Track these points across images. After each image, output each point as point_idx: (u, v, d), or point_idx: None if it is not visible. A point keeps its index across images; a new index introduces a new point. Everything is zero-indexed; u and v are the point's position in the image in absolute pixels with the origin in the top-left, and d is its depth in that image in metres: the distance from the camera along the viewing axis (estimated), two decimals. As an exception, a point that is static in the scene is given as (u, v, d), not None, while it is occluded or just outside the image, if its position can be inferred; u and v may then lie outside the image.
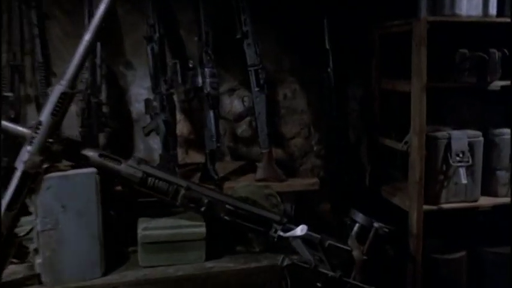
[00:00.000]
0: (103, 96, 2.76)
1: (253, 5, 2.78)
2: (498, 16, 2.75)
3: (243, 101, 3.01)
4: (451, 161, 2.80)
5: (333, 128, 3.15)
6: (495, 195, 2.98)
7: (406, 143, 2.87)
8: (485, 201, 2.94)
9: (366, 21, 3.15)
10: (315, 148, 3.28)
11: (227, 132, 3.12)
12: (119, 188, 2.49)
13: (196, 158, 3.00)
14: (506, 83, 2.80)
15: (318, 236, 2.28)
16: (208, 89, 2.66)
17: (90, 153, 2.17)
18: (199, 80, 2.68)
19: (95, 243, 2.23)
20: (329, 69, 3.04)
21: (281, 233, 2.23)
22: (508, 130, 2.94)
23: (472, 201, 2.89)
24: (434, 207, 2.83)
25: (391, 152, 3.12)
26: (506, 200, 2.96)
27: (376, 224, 2.54)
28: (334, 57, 3.04)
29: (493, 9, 2.71)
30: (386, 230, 2.57)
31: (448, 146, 2.80)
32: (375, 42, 3.18)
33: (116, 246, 2.45)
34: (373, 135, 3.25)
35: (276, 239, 2.24)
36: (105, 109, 2.74)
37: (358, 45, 3.20)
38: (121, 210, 2.53)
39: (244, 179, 2.79)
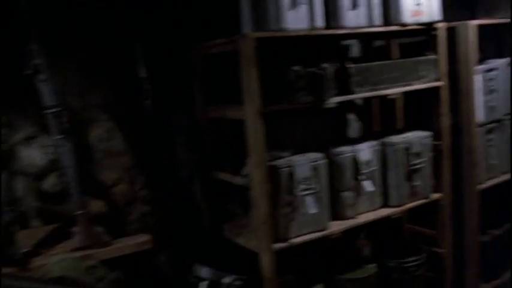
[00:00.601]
0: None
1: (45, 30, 2.23)
2: (326, 28, 2.53)
3: (45, 152, 2.43)
4: (296, 191, 2.52)
5: (159, 167, 2.71)
6: (343, 218, 2.78)
7: (245, 176, 2.54)
8: (335, 226, 2.71)
9: (187, 41, 2.76)
10: (141, 193, 2.79)
11: (30, 191, 2.49)
12: None
13: (-9, 230, 2.35)
14: (343, 98, 2.60)
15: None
16: (-8, 143, 2.06)
17: None
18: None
19: None
20: (148, 101, 2.60)
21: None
22: (348, 148, 2.76)
23: (322, 230, 2.64)
24: (285, 245, 2.52)
25: (229, 186, 2.76)
26: (355, 221, 2.78)
27: (227, 279, 2.17)
28: (152, 86, 2.60)
29: (319, 22, 2.49)
30: (240, 282, 2.22)
31: (291, 174, 2.52)
32: (197, 65, 2.80)
33: None
34: (206, 170, 2.87)
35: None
36: None
37: (180, 70, 2.80)
38: None
39: (58, 249, 2.22)
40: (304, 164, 2.55)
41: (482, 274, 3.34)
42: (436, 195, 3.12)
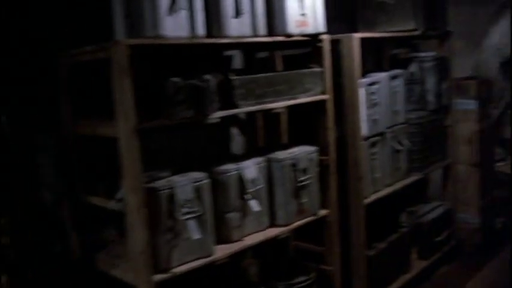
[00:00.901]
0: None
1: None
2: (208, 37, 2.33)
3: None
4: (177, 215, 2.28)
5: (18, 191, 2.35)
6: (229, 241, 2.58)
7: (119, 200, 2.26)
8: (221, 251, 2.51)
9: (53, 48, 2.44)
10: (-2, 223, 2.41)
11: None
12: None
13: None
14: (226, 112, 2.41)
15: None
16: None
17: None
18: None
19: None
20: (2, 116, 2.24)
21: None
22: (233, 165, 2.57)
23: (207, 256, 2.42)
24: (166, 275, 2.27)
25: (103, 211, 2.45)
26: (241, 244, 2.59)
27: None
28: (9, 100, 2.25)
29: (201, 29, 2.28)
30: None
31: (172, 197, 2.28)
32: (63, 75, 2.48)
33: None
34: (75, 193, 2.54)
35: None
36: None
37: (44, 81, 2.46)
38: None
39: None
40: (185, 184, 2.32)
41: (369, 288, 3.30)
42: (323, 212, 3.03)
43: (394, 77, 3.48)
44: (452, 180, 4.20)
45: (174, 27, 2.19)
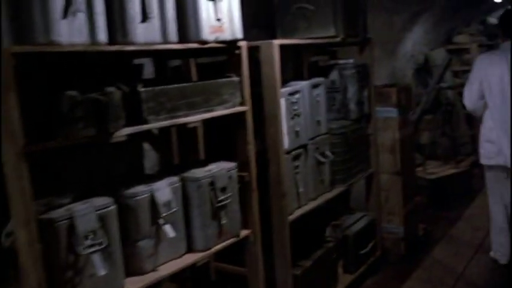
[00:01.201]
0: None
1: None
2: (111, 43, 2.04)
3: None
4: (79, 249, 1.98)
5: None
6: (141, 272, 2.30)
7: (8, 235, 1.93)
8: (132, 285, 2.22)
9: None
10: None
11: None
12: None
13: None
14: (133, 129, 2.13)
15: None
16: None
17: None
18: None
19: None
20: None
21: None
22: (143, 187, 2.29)
23: (115, 293, 2.14)
24: (68, 319, 1.96)
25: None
26: (156, 275, 2.31)
27: None
28: None
29: (102, 35, 1.99)
30: None
31: (72, 228, 1.97)
32: None
33: None
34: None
35: None
36: None
37: None
38: None
39: None
40: (88, 213, 2.01)
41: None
42: (245, 232, 2.80)
43: (315, 86, 3.33)
44: (376, 189, 4.11)
45: (70, 32, 1.89)
